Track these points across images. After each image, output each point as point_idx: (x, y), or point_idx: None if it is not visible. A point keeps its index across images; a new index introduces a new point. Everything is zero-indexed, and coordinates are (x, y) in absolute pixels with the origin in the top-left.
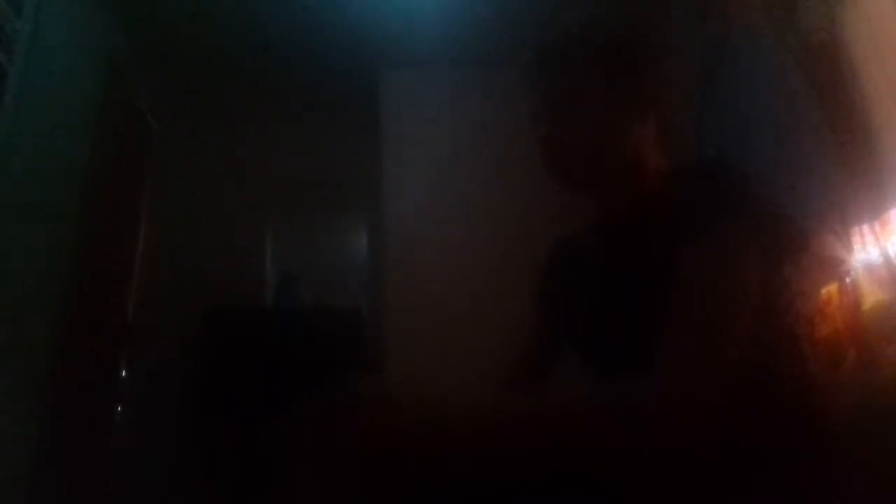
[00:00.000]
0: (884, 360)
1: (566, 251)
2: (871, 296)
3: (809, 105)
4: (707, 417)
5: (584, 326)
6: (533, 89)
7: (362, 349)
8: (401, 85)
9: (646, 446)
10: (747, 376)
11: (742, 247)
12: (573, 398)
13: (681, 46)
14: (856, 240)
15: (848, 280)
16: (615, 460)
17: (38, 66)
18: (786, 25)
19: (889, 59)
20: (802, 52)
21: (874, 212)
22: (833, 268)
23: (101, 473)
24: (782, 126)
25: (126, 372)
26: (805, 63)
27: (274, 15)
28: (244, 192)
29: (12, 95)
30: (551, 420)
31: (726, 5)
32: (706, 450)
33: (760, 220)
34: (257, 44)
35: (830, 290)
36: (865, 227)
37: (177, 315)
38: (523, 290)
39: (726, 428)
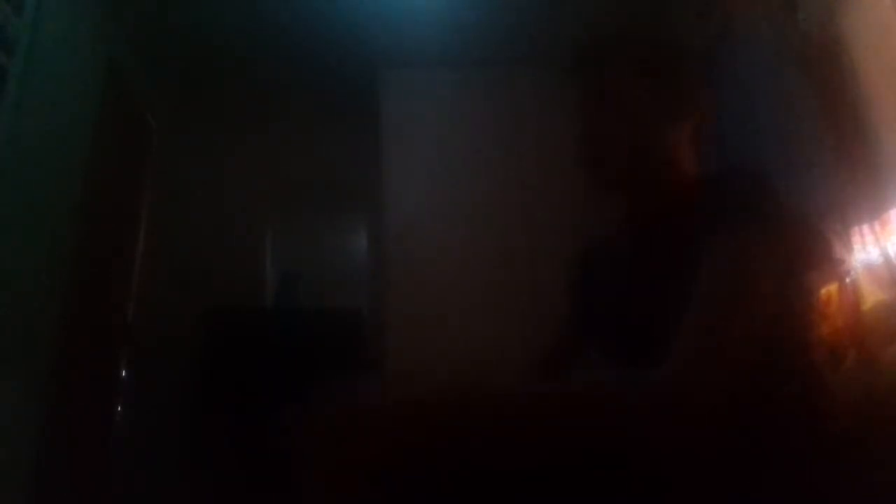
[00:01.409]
0: (884, 360)
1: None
2: (871, 296)
3: (809, 105)
4: (709, 416)
5: (575, 325)
6: (571, 90)
7: (362, 349)
8: (401, 85)
9: (648, 439)
10: (751, 376)
11: (763, 250)
12: (576, 396)
13: (682, 46)
14: (856, 240)
15: (848, 280)
16: (618, 454)
17: (38, 66)
18: (786, 26)
19: (889, 59)
20: (803, 53)
21: (874, 212)
22: (833, 268)
23: (101, 473)
24: (782, 126)
25: (126, 372)
26: (805, 63)
27: (274, 15)
28: (244, 192)
29: (12, 95)
30: (552, 418)
31: (726, 5)
32: (708, 447)
33: (784, 226)
34: (257, 44)
35: (830, 290)
36: (865, 227)
37: (177, 315)
38: (523, 290)
39: (728, 427)
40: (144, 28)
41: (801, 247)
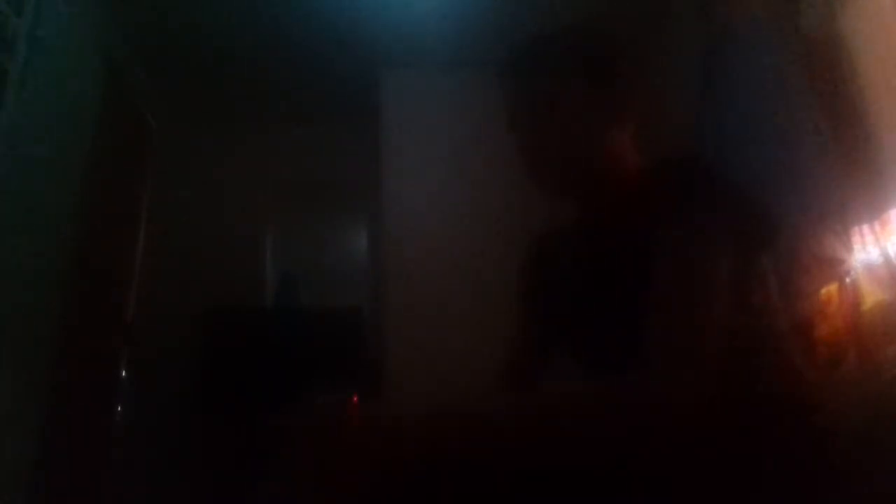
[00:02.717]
0: (884, 360)
1: (551, 251)
2: (871, 296)
3: (809, 105)
4: (699, 414)
5: (573, 325)
6: (509, 95)
7: (362, 349)
8: (401, 85)
9: (635, 443)
10: (738, 376)
11: (716, 242)
12: (570, 396)
13: (678, 46)
14: (856, 240)
15: (848, 280)
16: (607, 455)
17: (38, 66)
18: (786, 24)
19: (889, 59)
20: (802, 52)
21: (874, 212)
22: (833, 268)
23: (101, 473)
24: (782, 126)
25: (126, 372)
26: (805, 62)
27: (273, 15)
28: (244, 192)
29: (12, 95)
30: (551, 418)
31: (727, 3)
32: (704, 449)
33: (734, 215)
34: (257, 44)
35: (830, 290)
36: (865, 227)
37: (177, 315)
38: (523, 290)
39: (722, 427)
40: (144, 28)
41: (773, 239)
